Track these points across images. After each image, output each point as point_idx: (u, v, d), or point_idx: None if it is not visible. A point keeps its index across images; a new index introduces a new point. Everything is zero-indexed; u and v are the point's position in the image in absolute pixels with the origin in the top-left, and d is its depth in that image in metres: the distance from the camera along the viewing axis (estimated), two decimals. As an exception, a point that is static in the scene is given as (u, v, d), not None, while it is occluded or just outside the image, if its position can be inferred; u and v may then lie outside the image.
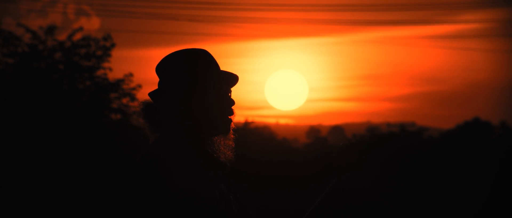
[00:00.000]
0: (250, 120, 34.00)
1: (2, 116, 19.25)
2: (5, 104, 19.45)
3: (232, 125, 3.09)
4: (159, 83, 3.09)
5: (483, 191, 29.64)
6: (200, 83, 3.03)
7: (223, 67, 3.17)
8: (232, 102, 3.08)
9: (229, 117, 3.07)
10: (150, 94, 3.08)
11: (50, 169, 19.11)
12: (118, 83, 21.15)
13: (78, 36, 21.16)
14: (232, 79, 3.09)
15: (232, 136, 3.10)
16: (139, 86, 21.44)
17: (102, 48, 21.16)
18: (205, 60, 3.07)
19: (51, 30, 20.91)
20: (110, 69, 21.23)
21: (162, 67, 3.08)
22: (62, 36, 21.19)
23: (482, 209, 29.34)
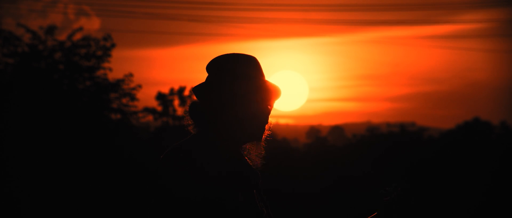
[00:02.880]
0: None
1: (2, 116, 19.25)
2: (5, 104, 19.44)
3: (265, 133, 3.15)
4: (206, 80, 3.15)
5: (483, 190, 29.64)
6: (240, 90, 3.08)
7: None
8: (268, 111, 3.13)
9: (265, 126, 3.13)
10: (195, 88, 3.13)
11: (50, 168, 19.12)
12: (118, 83, 21.16)
13: (78, 36, 21.18)
14: (275, 92, 3.13)
15: (263, 144, 3.16)
16: (139, 86, 21.47)
17: (102, 48, 21.17)
18: (249, 67, 3.12)
19: (51, 30, 20.91)
20: (110, 69, 21.25)
21: (210, 67, 3.14)
22: (62, 36, 21.20)
23: (482, 209, 29.35)
